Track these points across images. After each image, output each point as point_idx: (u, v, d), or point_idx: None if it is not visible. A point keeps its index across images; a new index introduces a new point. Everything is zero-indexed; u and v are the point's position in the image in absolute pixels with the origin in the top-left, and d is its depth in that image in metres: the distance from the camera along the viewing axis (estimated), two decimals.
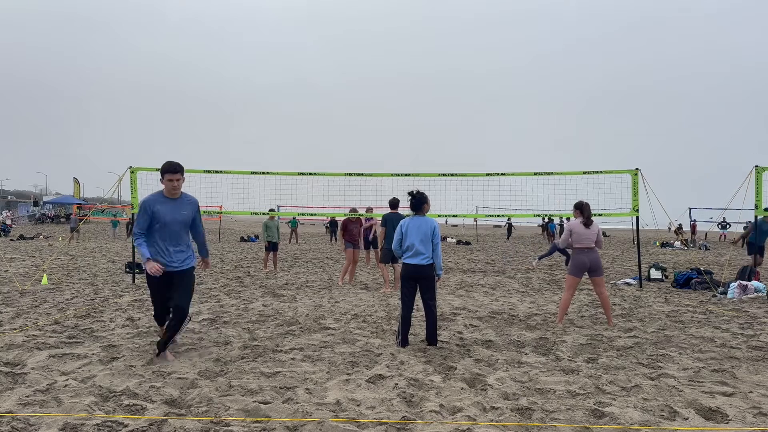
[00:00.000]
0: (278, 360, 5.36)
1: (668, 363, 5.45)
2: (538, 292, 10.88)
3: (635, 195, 11.82)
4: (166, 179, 5.18)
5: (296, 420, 3.79)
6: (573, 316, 8.16)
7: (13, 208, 60.79)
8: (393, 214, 10.28)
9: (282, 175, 12.58)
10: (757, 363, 5.47)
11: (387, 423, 3.77)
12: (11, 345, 5.75)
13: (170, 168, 5.17)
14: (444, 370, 5.12)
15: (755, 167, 11.36)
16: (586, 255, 7.35)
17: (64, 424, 3.64)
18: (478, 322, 7.51)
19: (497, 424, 3.79)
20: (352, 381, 4.70)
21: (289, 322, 7.37)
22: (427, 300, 6.07)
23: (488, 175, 12.65)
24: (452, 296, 10.07)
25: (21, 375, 4.72)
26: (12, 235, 31.90)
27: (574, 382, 4.75)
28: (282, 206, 19.87)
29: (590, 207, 7.53)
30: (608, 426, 3.79)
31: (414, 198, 6.22)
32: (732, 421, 3.89)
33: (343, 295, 10.00)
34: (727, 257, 19.40)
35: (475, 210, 19.11)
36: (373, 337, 6.47)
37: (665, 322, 7.69)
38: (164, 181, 5.22)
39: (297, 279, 12.67)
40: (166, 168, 5.17)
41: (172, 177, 5.18)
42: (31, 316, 7.44)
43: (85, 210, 41.81)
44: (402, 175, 12.39)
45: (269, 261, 14.87)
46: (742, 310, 8.80)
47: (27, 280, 11.57)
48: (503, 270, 15.80)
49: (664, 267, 14.02)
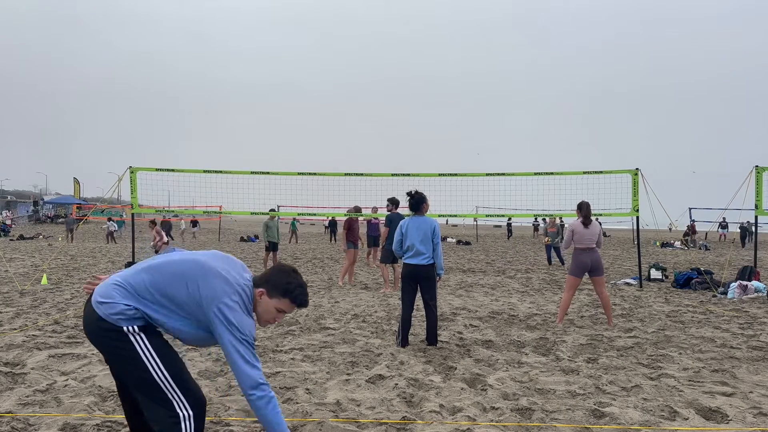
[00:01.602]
0: (278, 360, 5.36)
1: (668, 363, 5.45)
2: (538, 292, 10.88)
3: (635, 195, 11.83)
4: (279, 309, 2.85)
5: (296, 420, 3.78)
6: (573, 316, 8.15)
7: (13, 208, 60.76)
8: (396, 214, 10.29)
9: (282, 175, 12.58)
10: (757, 363, 5.47)
11: (387, 423, 3.77)
12: (11, 345, 5.74)
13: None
14: (444, 370, 5.12)
15: (755, 167, 11.36)
16: (588, 255, 7.34)
17: (64, 424, 3.64)
18: (478, 322, 7.51)
19: (497, 424, 3.79)
20: (352, 381, 4.69)
21: (289, 322, 7.36)
22: (427, 300, 6.07)
23: (488, 175, 12.66)
24: (452, 296, 10.07)
25: (21, 375, 4.71)
26: (12, 235, 31.89)
27: (574, 382, 4.75)
28: (282, 206, 19.86)
29: (590, 206, 7.53)
30: (608, 426, 3.79)
31: (413, 198, 6.23)
32: (732, 421, 3.89)
33: (343, 295, 10.00)
34: (727, 257, 19.40)
35: (475, 210, 19.11)
36: (373, 337, 6.47)
37: (665, 322, 7.69)
38: (274, 306, 2.84)
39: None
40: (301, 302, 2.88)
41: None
42: (31, 316, 7.44)
43: (85, 210, 41.82)
44: (402, 175, 12.40)
45: (269, 261, 14.86)
46: (742, 310, 8.80)
47: (27, 280, 11.56)
48: (503, 270, 15.79)
49: (664, 267, 14.01)
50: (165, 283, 2.68)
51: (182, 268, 2.73)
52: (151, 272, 2.72)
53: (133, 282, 2.69)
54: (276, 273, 2.85)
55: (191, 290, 2.67)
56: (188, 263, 2.76)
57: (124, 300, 2.64)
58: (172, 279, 2.69)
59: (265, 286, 2.79)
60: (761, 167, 11.26)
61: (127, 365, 2.66)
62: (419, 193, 6.26)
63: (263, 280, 2.82)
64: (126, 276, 2.74)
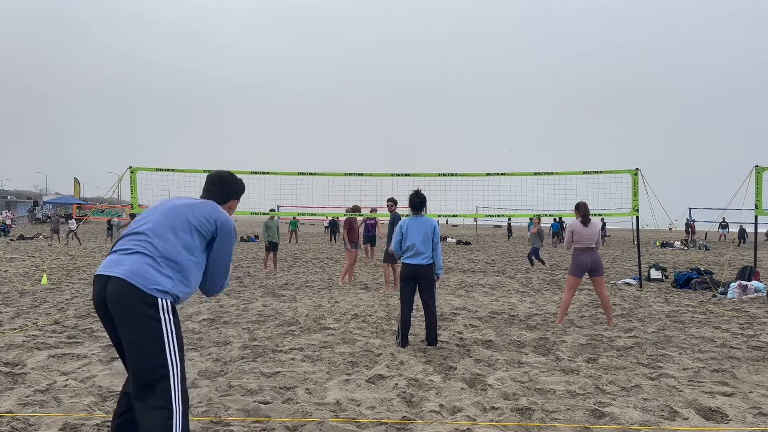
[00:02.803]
0: (278, 360, 5.36)
1: (668, 363, 5.45)
2: (538, 292, 10.88)
3: (635, 195, 11.83)
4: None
5: (296, 420, 3.79)
6: (573, 316, 8.15)
7: (13, 208, 60.72)
8: (397, 214, 10.29)
9: (282, 175, 12.58)
10: (757, 363, 5.47)
11: (387, 423, 3.77)
12: (11, 345, 5.74)
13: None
14: (444, 370, 5.12)
15: (755, 167, 11.36)
16: (588, 255, 7.34)
17: (63, 424, 3.64)
18: (478, 322, 7.51)
19: (497, 424, 3.79)
20: (352, 381, 4.69)
21: (289, 322, 7.36)
22: (426, 300, 6.07)
23: (488, 175, 12.65)
24: (452, 296, 10.07)
25: (21, 375, 4.71)
26: (12, 235, 31.88)
27: (574, 382, 4.75)
28: (282, 206, 19.86)
29: (588, 206, 7.53)
30: (608, 426, 3.79)
31: (418, 197, 6.24)
32: (732, 421, 3.89)
33: (343, 295, 10.00)
34: (727, 257, 19.40)
35: (475, 210, 19.10)
36: (373, 337, 6.47)
37: (665, 322, 7.69)
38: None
39: (297, 279, 12.66)
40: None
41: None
42: (31, 316, 7.44)
43: (85, 210, 41.74)
44: (402, 175, 12.39)
45: (269, 261, 14.86)
46: (742, 310, 8.80)
47: (27, 280, 11.56)
48: (503, 270, 15.79)
49: (664, 267, 14.01)
50: (174, 250, 2.82)
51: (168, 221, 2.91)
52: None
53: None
54: (227, 184, 3.25)
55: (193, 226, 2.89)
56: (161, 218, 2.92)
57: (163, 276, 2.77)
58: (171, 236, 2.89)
59: (236, 196, 3.28)
60: (761, 167, 11.26)
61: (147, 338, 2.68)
62: (423, 193, 6.30)
63: (229, 195, 3.24)
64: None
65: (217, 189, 3.21)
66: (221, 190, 3.22)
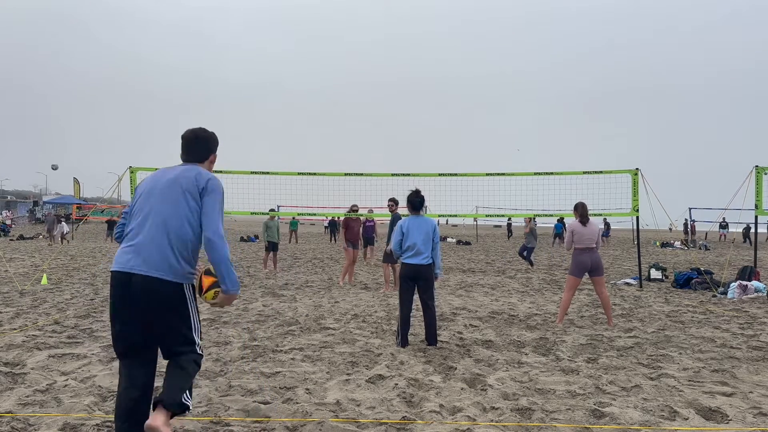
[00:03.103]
0: (278, 360, 5.36)
1: (668, 363, 5.45)
2: (538, 292, 10.88)
3: (635, 195, 11.82)
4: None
5: (296, 420, 3.79)
6: (573, 316, 8.16)
7: (13, 208, 60.71)
8: (398, 214, 10.30)
9: (282, 175, 12.58)
10: (757, 363, 5.47)
11: (387, 423, 3.77)
12: (11, 345, 5.74)
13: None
14: (444, 370, 5.12)
15: (755, 167, 11.36)
16: (588, 255, 7.35)
17: (63, 424, 3.64)
18: (478, 322, 7.51)
19: (497, 424, 3.79)
20: (352, 381, 4.69)
21: (288, 322, 7.37)
22: (426, 300, 6.08)
23: (488, 175, 12.65)
24: (452, 296, 10.07)
25: (21, 375, 4.72)
26: (12, 235, 31.88)
27: (574, 382, 4.75)
28: (282, 206, 19.85)
29: (586, 206, 7.54)
30: (608, 426, 3.79)
31: (418, 197, 6.25)
32: (732, 421, 3.89)
33: (343, 295, 10.00)
34: (727, 257, 19.39)
35: (475, 210, 19.09)
36: (373, 337, 6.47)
37: (665, 322, 7.69)
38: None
39: (297, 279, 12.67)
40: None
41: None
42: (30, 316, 7.44)
43: (85, 210, 41.74)
44: (402, 175, 12.39)
45: (269, 261, 14.86)
46: (742, 310, 8.80)
47: (27, 280, 11.56)
48: (503, 270, 15.79)
49: (664, 267, 14.02)
50: (182, 231, 2.97)
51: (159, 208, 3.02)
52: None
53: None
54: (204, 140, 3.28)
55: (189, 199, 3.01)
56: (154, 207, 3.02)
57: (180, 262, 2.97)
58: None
59: (215, 149, 3.32)
60: (761, 167, 11.26)
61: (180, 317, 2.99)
62: (422, 193, 6.33)
63: (210, 150, 3.31)
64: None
65: (197, 147, 3.27)
66: (201, 148, 3.27)
